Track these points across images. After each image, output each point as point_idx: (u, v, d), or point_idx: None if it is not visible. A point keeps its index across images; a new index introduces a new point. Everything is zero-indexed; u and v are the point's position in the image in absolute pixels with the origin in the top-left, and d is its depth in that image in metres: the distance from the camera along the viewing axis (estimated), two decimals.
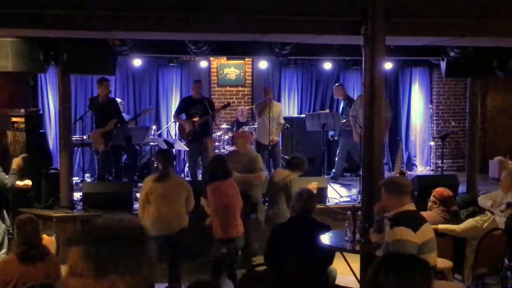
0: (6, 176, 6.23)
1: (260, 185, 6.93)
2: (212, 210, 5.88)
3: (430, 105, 11.96)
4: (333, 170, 10.09)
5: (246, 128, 10.38)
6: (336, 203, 8.29)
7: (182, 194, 5.89)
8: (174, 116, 9.56)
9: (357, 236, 5.03)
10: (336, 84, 10.59)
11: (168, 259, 5.97)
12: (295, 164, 6.58)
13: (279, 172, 6.64)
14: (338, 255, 5.22)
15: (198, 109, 8.90)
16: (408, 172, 10.76)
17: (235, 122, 10.68)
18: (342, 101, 10.40)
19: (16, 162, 6.38)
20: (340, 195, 8.67)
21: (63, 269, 4.69)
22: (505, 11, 6.00)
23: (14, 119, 8.25)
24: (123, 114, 9.63)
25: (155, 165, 9.34)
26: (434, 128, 11.85)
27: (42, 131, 8.87)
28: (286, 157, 8.90)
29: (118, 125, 8.65)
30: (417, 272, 2.00)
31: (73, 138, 8.73)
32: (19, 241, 4.32)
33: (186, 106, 9.10)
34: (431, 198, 5.87)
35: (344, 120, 9.75)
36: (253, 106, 10.47)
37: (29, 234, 4.28)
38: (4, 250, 6.26)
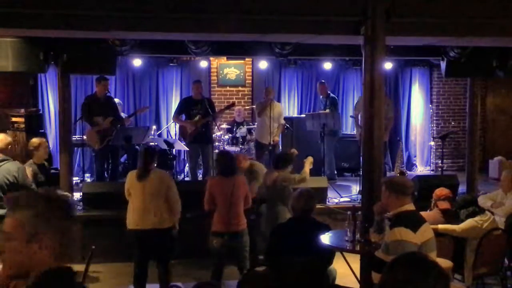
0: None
1: None
2: (211, 204, 5.90)
3: (430, 105, 11.96)
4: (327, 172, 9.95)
5: (244, 128, 10.39)
6: (336, 203, 8.29)
7: (162, 190, 5.73)
8: (173, 117, 9.52)
9: (357, 236, 5.02)
10: (320, 82, 10.54)
11: (156, 258, 5.94)
12: (280, 162, 6.56)
13: (269, 174, 6.62)
14: (338, 255, 5.22)
15: (199, 110, 8.87)
16: (408, 172, 10.78)
17: (233, 122, 10.69)
18: (323, 98, 10.34)
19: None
20: (340, 195, 8.67)
21: None
22: (505, 11, 6.00)
23: (14, 119, 8.28)
24: (122, 114, 9.63)
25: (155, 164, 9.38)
26: (434, 128, 11.86)
27: (42, 131, 8.89)
28: None
29: (115, 123, 8.63)
30: (433, 276, 2.00)
31: (73, 138, 8.73)
32: None
33: (186, 107, 9.08)
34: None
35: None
36: (254, 106, 10.47)
37: None
38: None
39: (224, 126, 10.39)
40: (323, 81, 10.57)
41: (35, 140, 6.71)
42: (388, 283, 2.01)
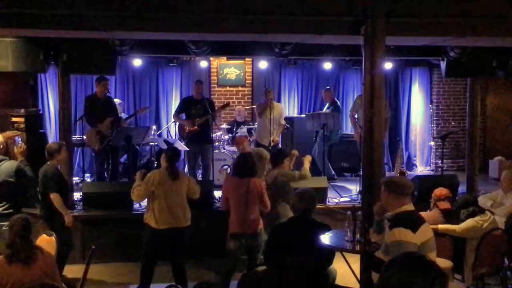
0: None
1: None
2: (226, 204, 6.00)
3: (430, 105, 11.96)
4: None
5: (244, 128, 10.39)
6: (336, 203, 8.29)
7: (186, 188, 5.92)
8: (174, 115, 9.54)
9: (357, 236, 5.03)
10: (326, 88, 10.59)
11: (171, 257, 5.96)
12: (276, 159, 6.56)
13: (269, 174, 6.63)
14: (338, 255, 5.22)
15: (199, 110, 8.88)
16: (408, 172, 10.76)
17: (234, 122, 10.69)
18: (328, 104, 10.34)
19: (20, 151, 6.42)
20: (340, 195, 8.67)
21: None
22: (505, 11, 6.00)
23: (14, 119, 8.26)
24: (122, 114, 9.63)
25: (155, 164, 9.39)
26: (434, 128, 11.86)
27: (42, 131, 8.88)
28: None
29: (114, 123, 8.62)
30: (431, 275, 1.98)
31: (73, 138, 8.72)
32: (6, 243, 4.24)
33: (186, 106, 9.09)
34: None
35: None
36: (254, 106, 10.47)
37: (13, 236, 4.18)
38: None
39: (224, 126, 10.39)
40: (328, 87, 10.61)
41: (53, 144, 6.35)
42: (386, 283, 2.01)
